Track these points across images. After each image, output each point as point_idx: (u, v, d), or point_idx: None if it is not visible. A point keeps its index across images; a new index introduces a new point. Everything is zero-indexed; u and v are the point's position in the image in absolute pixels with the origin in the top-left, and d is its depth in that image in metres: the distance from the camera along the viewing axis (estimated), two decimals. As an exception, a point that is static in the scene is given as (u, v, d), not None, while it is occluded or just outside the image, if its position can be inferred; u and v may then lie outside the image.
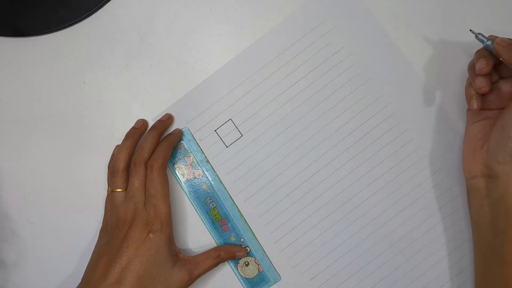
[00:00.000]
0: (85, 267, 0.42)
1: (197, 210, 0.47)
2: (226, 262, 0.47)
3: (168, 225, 0.42)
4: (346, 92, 0.46)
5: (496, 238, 0.39)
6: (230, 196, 0.47)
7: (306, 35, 0.46)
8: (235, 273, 0.47)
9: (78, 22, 0.46)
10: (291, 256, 0.47)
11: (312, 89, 0.46)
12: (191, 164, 0.46)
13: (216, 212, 0.46)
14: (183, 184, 0.47)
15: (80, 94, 0.47)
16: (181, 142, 0.47)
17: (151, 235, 0.41)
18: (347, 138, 0.47)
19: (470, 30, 0.42)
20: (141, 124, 0.46)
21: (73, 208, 0.47)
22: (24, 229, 0.47)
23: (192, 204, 0.47)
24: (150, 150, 0.44)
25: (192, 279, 0.43)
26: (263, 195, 0.47)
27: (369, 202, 0.47)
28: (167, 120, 0.46)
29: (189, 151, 0.46)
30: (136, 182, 0.43)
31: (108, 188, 0.44)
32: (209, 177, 0.47)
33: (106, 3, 0.46)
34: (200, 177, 0.47)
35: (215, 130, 0.47)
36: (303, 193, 0.47)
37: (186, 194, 0.47)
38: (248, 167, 0.47)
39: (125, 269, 0.40)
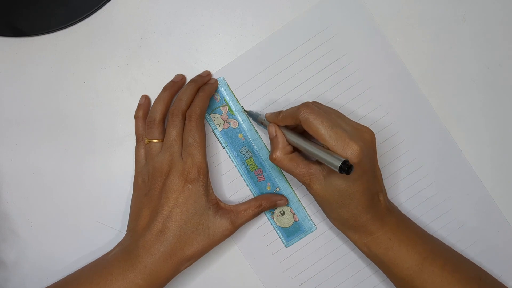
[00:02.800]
0: (128, 218, 0.44)
1: (233, 160, 0.46)
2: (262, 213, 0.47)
3: (204, 174, 0.42)
4: (345, 100, 0.46)
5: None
6: (265, 145, 0.47)
7: (308, 41, 0.46)
8: (271, 222, 0.47)
9: (78, 22, 0.46)
10: (282, 260, 0.47)
11: (312, 95, 0.46)
12: (226, 114, 0.46)
13: (251, 161, 0.46)
14: (219, 134, 0.47)
15: (80, 94, 0.47)
16: (217, 92, 0.46)
17: (188, 184, 0.42)
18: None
19: (243, 109, 0.46)
20: (180, 78, 0.46)
21: (73, 208, 0.47)
22: (24, 229, 0.47)
23: (227, 154, 0.47)
24: (188, 101, 0.43)
25: (235, 228, 0.43)
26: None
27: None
28: (206, 76, 0.46)
29: (225, 101, 0.46)
30: (173, 132, 0.43)
31: (142, 140, 0.45)
32: (244, 127, 0.46)
33: (106, 3, 0.46)
34: (236, 126, 0.46)
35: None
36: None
37: (221, 144, 0.47)
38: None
39: (167, 219, 0.41)
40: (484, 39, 0.47)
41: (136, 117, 0.46)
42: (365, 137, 0.40)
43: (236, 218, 0.43)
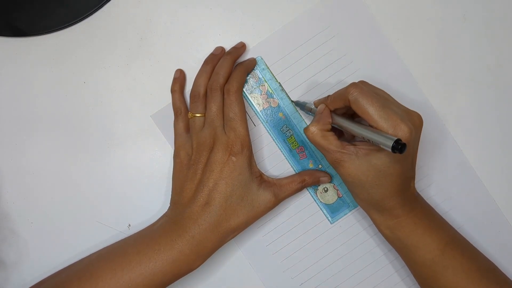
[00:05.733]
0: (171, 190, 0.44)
1: (275, 139, 0.46)
2: (305, 189, 0.47)
3: (248, 147, 0.43)
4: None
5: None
6: (306, 123, 0.47)
7: (308, 41, 0.46)
8: (314, 199, 0.47)
9: (78, 22, 0.46)
10: (282, 260, 0.47)
11: (312, 95, 0.46)
12: (266, 93, 0.46)
13: (293, 139, 0.46)
14: (260, 114, 0.47)
15: (80, 94, 0.47)
16: (255, 71, 0.46)
17: (233, 157, 0.42)
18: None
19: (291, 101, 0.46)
20: (220, 51, 0.46)
21: (73, 208, 0.47)
22: (24, 229, 0.47)
23: (269, 133, 0.47)
24: (225, 75, 0.44)
25: (278, 201, 0.44)
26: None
27: (360, 210, 0.47)
28: (241, 47, 0.46)
29: (264, 80, 0.46)
30: (214, 107, 0.43)
31: (181, 113, 0.45)
32: (284, 106, 0.46)
33: (106, 3, 0.46)
34: (276, 105, 0.46)
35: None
36: (297, 199, 0.47)
37: (262, 123, 0.47)
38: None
39: (212, 191, 0.42)
40: (484, 39, 0.47)
41: (172, 91, 0.46)
42: (414, 121, 0.39)
43: (280, 191, 0.44)
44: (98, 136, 0.47)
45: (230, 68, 0.44)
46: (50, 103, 0.47)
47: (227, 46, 0.46)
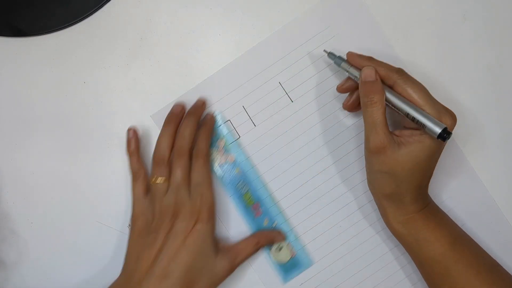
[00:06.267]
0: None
1: (230, 195, 0.46)
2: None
3: (214, 215, 0.42)
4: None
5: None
6: (261, 178, 0.47)
7: (308, 41, 0.46)
8: (268, 258, 0.46)
9: (78, 22, 0.46)
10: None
11: (312, 95, 0.46)
12: (223, 149, 0.46)
13: (249, 196, 0.46)
14: (216, 169, 0.46)
15: (80, 94, 0.47)
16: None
17: (198, 225, 0.41)
18: (346, 144, 0.47)
19: (324, 50, 0.44)
20: (180, 109, 0.44)
21: (73, 208, 0.47)
22: (24, 229, 0.47)
23: (225, 189, 0.46)
24: (191, 138, 0.43)
25: (234, 268, 0.43)
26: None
27: (362, 210, 0.47)
28: (202, 105, 0.45)
29: (221, 135, 0.46)
30: (180, 172, 0.42)
31: (140, 176, 0.43)
32: (241, 161, 0.46)
33: (106, 3, 0.46)
34: (232, 161, 0.46)
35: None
36: (297, 198, 0.47)
37: (219, 179, 0.46)
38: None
39: (172, 261, 0.40)
40: (484, 39, 0.47)
41: (129, 153, 0.44)
42: (453, 117, 0.39)
43: (235, 258, 0.43)
44: (98, 136, 0.47)
45: (195, 129, 0.43)
46: (50, 103, 0.47)
47: (227, 46, 0.46)
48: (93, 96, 0.47)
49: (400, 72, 0.40)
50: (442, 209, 0.44)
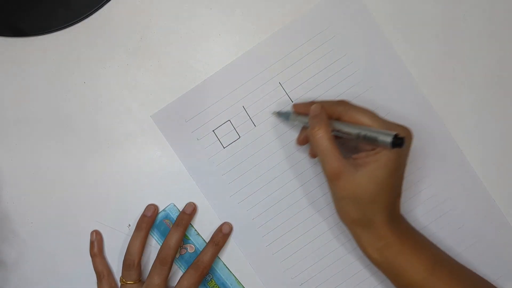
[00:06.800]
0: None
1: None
2: None
3: None
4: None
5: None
6: (225, 265, 0.47)
7: (308, 41, 0.46)
8: None
9: (78, 22, 0.46)
10: (282, 260, 0.47)
11: (312, 95, 0.46)
12: (182, 240, 0.46)
13: (213, 283, 0.47)
14: (178, 261, 0.47)
15: (80, 94, 0.47)
16: (171, 218, 0.47)
17: None
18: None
19: (272, 113, 0.46)
20: (152, 211, 0.46)
21: (73, 208, 0.47)
22: (24, 229, 0.47)
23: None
24: (176, 248, 0.45)
25: None
26: (258, 198, 0.47)
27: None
28: (191, 212, 0.46)
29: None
30: (157, 280, 0.44)
31: (104, 277, 0.45)
32: (201, 250, 0.46)
33: (106, 3, 0.46)
34: (193, 251, 0.47)
35: (213, 130, 0.47)
36: (298, 198, 0.47)
37: (180, 269, 0.47)
38: (244, 169, 0.47)
39: None
40: (484, 39, 0.47)
41: (92, 255, 0.46)
42: (405, 132, 0.39)
43: None
44: (98, 136, 0.47)
45: (181, 239, 0.45)
46: (50, 103, 0.47)
47: (227, 46, 0.46)
48: (93, 96, 0.47)
49: (343, 103, 0.40)
50: (418, 231, 0.44)
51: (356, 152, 0.40)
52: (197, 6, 0.46)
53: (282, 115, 0.45)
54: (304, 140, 0.44)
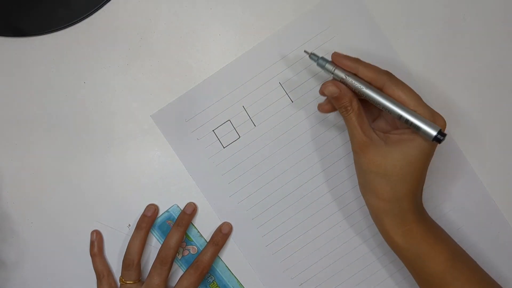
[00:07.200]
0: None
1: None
2: None
3: None
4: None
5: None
6: (226, 266, 0.47)
7: (309, 41, 0.46)
8: None
9: (78, 22, 0.46)
10: (282, 260, 0.47)
11: (312, 95, 0.46)
12: (184, 241, 0.47)
13: (215, 285, 0.47)
14: (180, 262, 0.47)
15: (80, 94, 0.47)
16: (173, 220, 0.47)
17: None
18: (345, 146, 0.46)
19: (304, 51, 0.42)
20: (153, 211, 0.46)
21: (73, 208, 0.47)
22: (24, 229, 0.47)
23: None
24: (176, 249, 0.45)
25: None
26: (257, 198, 0.47)
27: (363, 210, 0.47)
28: (192, 212, 0.46)
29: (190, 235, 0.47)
30: (157, 279, 0.44)
31: (104, 277, 0.45)
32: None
33: (106, 3, 0.46)
34: (195, 252, 0.47)
35: (213, 130, 0.47)
36: (298, 198, 0.47)
37: (183, 271, 0.47)
38: (244, 169, 0.47)
39: None
40: (484, 39, 0.47)
41: (92, 255, 0.46)
42: (443, 119, 0.38)
43: None
44: (98, 136, 0.47)
45: (181, 239, 0.45)
46: (50, 103, 0.47)
47: (227, 46, 0.46)
48: (93, 96, 0.47)
49: (389, 74, 0.38)
50: (436, 222, 0.43)
51: (381, 119, 0.40)
52: (197, 6, 0.46)
53: (318, 59, 0.40)
54: (328, 109, 0.41)
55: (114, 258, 0.47)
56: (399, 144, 0.37)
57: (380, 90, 0.38)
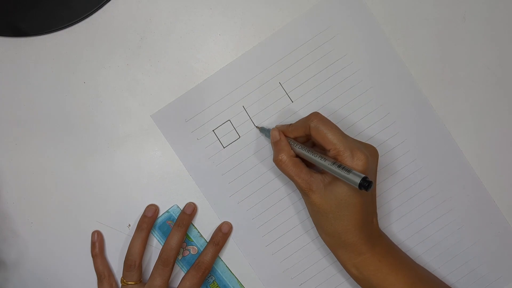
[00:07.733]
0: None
1: None
2: None
3: None
4: (346, 100, 0.46)
5: None
6: (227, 266, 0.47)
7: (309, 40, 0.46)
8: None
9: (78, 22, 0.46)
10: (282, 260, 0.47)
11: (312, 95, 0.46)
12: (185, 241, 0.46)
13: (215, 285, 0.47)
14: (180, 262, 0.47)
15: (80, 94, 0.47)
16: (175, 219, 0.46)
17: None
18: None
19: (256, 126, 0.46)
20: (153, 212, 0.46)
21: (73, 208, 0.47)
22: (24, 229, 0.47)
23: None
24: (177, 249, 0.45)
25: None
26: (257, 198, 0.47)
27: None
28: (192, 212, 0.46)
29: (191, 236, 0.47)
30: (160, 281, 0.44)
31: (105, 277, 0.45)
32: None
33: (106, 3, 0.46)
34: (195, 253, 0.47)
35: (213, 130, 0.47)
36: (298, 198, 0.47)
37: (184, 272, 0.47)
38: (244, 169, 0.47)
39: None
40: (484, 39, 0.47)
41: (93, 255, 0.46)
42: (370, 151, 0.41)
43: None
44: (98, 136, 0.47)
45: (183, 240, 0.45)
46: (50, 103, 0.47)
47: (227, 46, 0.46)
48: (93, 96, 0.47)
49: (312, 117, 0.41)
50: (400, 249, 0.44)
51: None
52: (197, 6, 0.46)
53: (264, 131, 0.46)
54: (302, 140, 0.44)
55: (115, 258, 0.47)
56: (332, 185, 0.40)
57: (309, 133, 0.41)
